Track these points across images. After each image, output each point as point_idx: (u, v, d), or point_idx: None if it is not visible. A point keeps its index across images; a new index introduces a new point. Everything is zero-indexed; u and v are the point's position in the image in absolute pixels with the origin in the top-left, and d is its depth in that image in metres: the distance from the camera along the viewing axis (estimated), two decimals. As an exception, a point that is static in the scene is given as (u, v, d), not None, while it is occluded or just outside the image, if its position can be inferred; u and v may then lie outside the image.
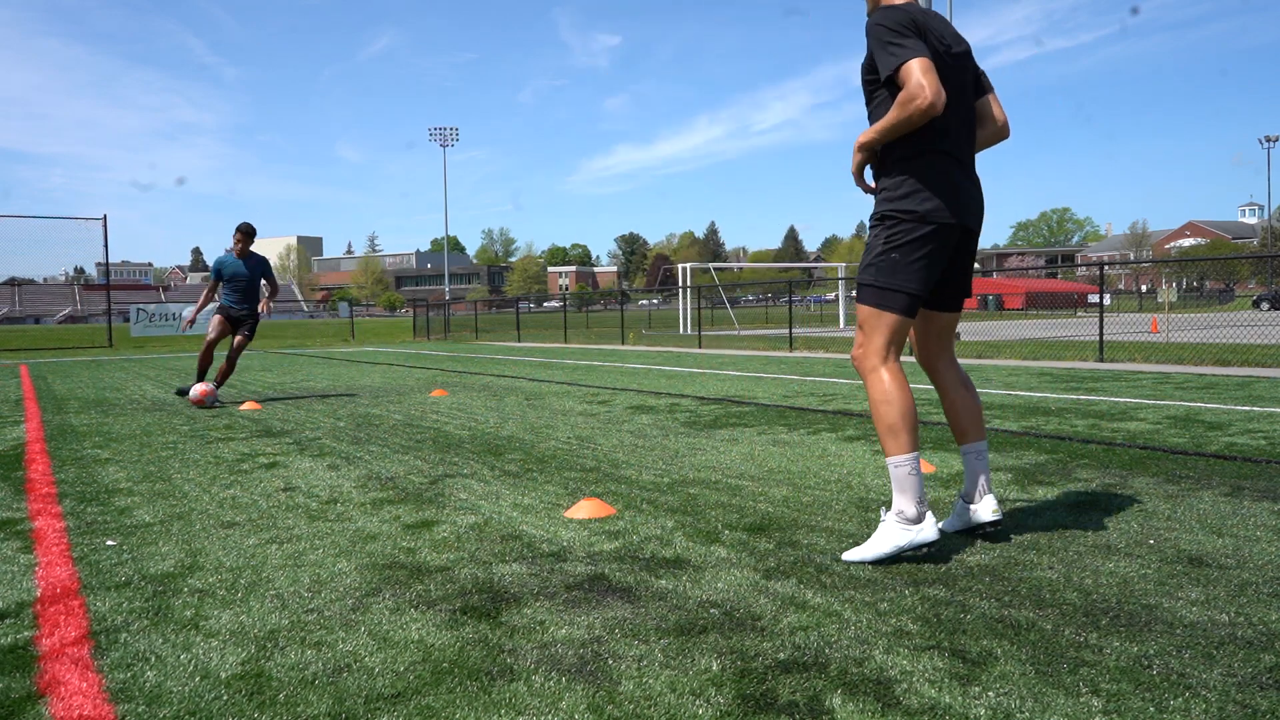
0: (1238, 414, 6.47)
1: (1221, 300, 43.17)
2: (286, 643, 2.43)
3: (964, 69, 3.13)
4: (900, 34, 2.91)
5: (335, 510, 4.03)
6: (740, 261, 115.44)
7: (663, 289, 32.11)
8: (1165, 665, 2.16)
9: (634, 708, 2.00)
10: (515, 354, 18.60)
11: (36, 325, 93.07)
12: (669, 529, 3.54)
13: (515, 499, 4.17)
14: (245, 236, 9.18)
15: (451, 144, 79.31)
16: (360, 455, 5.53)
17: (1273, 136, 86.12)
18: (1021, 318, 35.35)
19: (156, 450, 5.93)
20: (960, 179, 3.08)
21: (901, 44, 2.90)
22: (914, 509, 2.96)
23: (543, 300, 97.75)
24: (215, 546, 3.44)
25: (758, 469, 4.77)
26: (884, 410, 3.02)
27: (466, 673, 2.21)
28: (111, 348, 25.46)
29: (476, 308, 35.73)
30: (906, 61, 2.86)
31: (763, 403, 7.96)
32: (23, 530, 3.77)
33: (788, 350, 17.22)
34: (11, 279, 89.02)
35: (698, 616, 2.56)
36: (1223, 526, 3.37)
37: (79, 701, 2.09)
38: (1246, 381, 8.89)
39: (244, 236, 9.18)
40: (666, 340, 23.69)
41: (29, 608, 2.77)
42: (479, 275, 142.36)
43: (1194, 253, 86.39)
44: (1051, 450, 5.12)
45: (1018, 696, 2.01)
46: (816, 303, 73.17)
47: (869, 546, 3.02)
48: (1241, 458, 4.72)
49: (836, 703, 2.00)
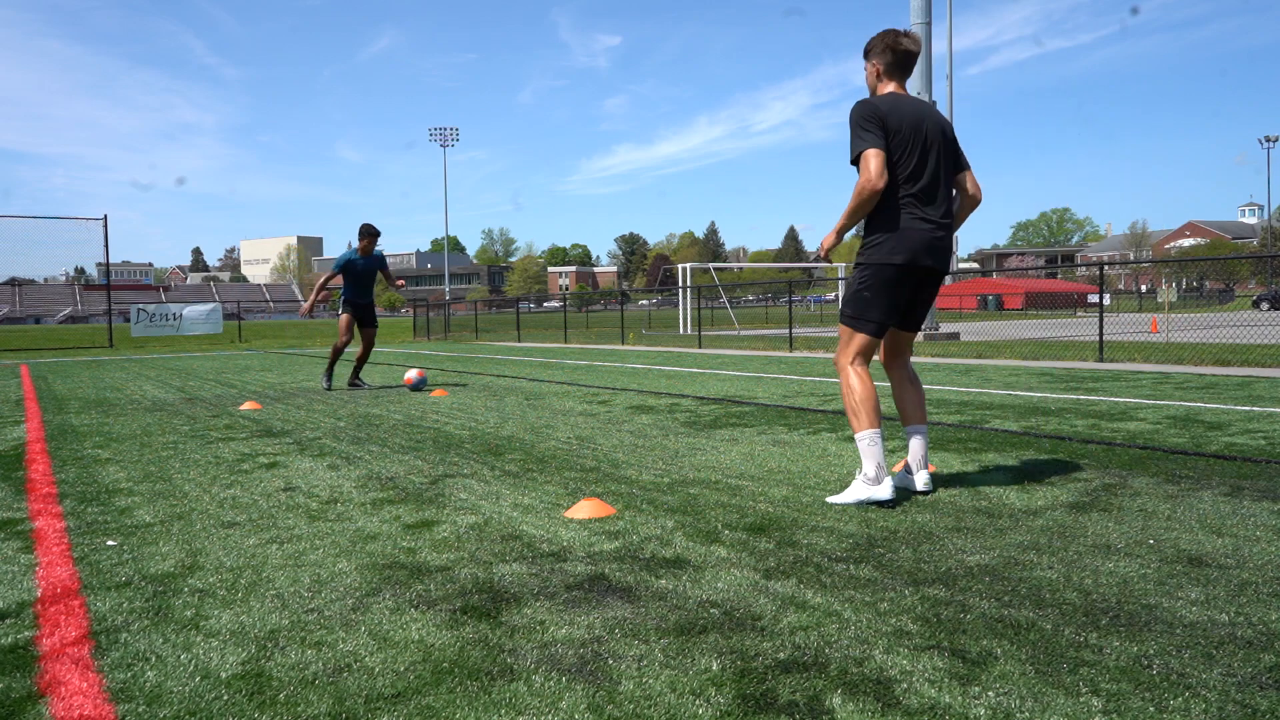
0: (1238, 414, 6.47)
1: (1221, 300, 43.18)
2: (287, 643, 2.43)
3: (935, 142, 3.85)
4: (864, 126, 3.76)
5: (335, 510, 4.03)
6: (740, 261, 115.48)
7: (663, 289, 32.08)
8: (1165, 665, 2.16)
9: (634, 708, 2.00)
10: (515, 354, 18.60)
11: (37, 325, 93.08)
12: (669, 529, 3.54)
13: (515, 499, 4.17)
14: (372, 239, 9.96)
15: (451, 144, 79.26)
16: (360, 455, 5.53)
17: (1273, 136, 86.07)
18: (1021, 318, 35.35)
19: (157, 450, 5.93)
20: (922, 228, 3.82)
21: (862, 136, 3.75)
22: (874, 472, 3.79)
23: (543, 300, 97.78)
24: (215, 546, 3.45)
25: (758, 469, 4.77)
26: (848, 398, 3.92)
27: (466, 673, 2.21)
28: (112, 348, 25.47)
29: (476, 308, 35.72)
30: (865, 150, 3.72)
31: (763, 403, 7.96)
32: (23, 530, 3.78)
33: (788, 350, 17.22)
34: (12, 279, 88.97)
35: (698, 616, 2.56)
36: (1223, 526, 3.37)
37: (79, 701, 2.09)
38: (1246, 381, 8.89)
39: (372, 240, 9.96)
40: (666, 340, 23.69)
41: (29, 608, 2.77)
42: (479, 275, 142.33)
43: (1194, 253, 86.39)
44: (1051, 450, 5.12)
45: (1018, 696, 2.01)
46: (816, 303, 73.21)
47: (842, 495, 3.91)
48: (1241, 458, 4.72)
49: (836, 703, 2.00)
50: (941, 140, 3.88)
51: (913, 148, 3.79)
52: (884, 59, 3.93)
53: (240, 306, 44.89)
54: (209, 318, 29.83)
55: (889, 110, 3.78)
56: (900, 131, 3.77)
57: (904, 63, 3.94)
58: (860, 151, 3.73)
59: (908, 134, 3.78)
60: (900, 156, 3.78)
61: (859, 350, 3.94)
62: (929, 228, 3.83)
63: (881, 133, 3.74)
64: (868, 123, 3.75)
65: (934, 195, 3.85)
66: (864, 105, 3.81)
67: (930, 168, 3.83)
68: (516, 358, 16.98)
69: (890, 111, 3.78)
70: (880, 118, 3.76)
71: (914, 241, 3.81)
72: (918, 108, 3.87)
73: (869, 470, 3.78)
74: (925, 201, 3.83)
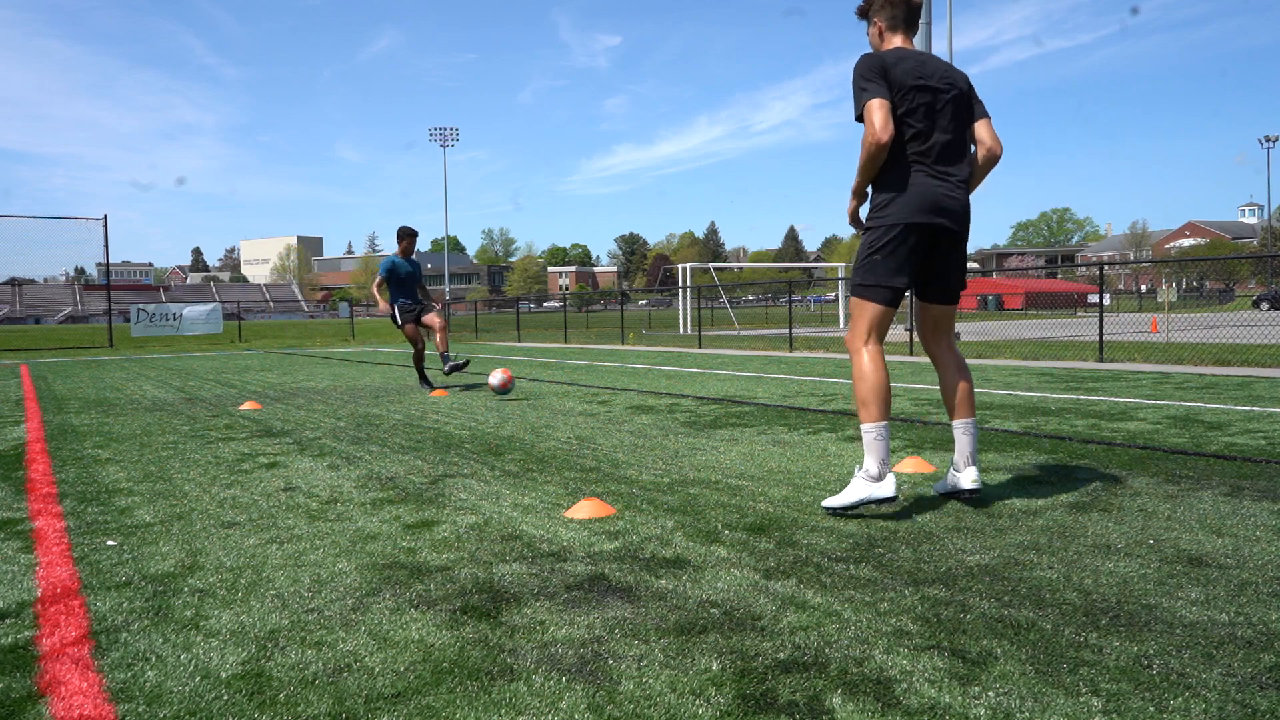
0: (1238, 414, 6.47)
1: (1221, 300, 43.16)
2: (287, 643, 2.44)
3: (946, 96, 3.64)
4: (866, 78, 3.57)
5: (335, 510, 4.03)
6: (740, 261, 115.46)
7: (663, 289, 32.07)
8: (1165, 665, 2.16)
9: (634, 708, 2.00)
10: (515, 354, 18.60)
11: (37, 325, 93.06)
12: (669, 529, 3.54)
13: (515, 499, 4.17)
14: (411, 239, 9.97)
15: (451, 144, 79.28)
16: (360, 455, 5.53)
17: (1273, 136, 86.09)
18: (1021, 318, 35.35)
19: (157, 450, 5.93)
20: (933, 185, 3.60)
21: (865, 88, 3.55)
22: (877, 469, 3.58)
23: (543, 300, 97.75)
24: (215, 546, 3.45)
25: (758, 469, 4.77)
26: (859, 385, 3.66)
27: (466, 673, 2.21)
28: (112, 348, 25.46)
29: (477, 308, 35.73)
30: (868, 102, 3.52)
31: (763, 403, 7.96)
32: (23, 530, 3.78)
33: (788, 350, 17.22)
34: (12, 279, 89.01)
35: (698, 616, 2.56)
36: (1223, 526, 3.37)
37: (79, 701, 2.09)
38: (1246, 381, 8.89)
39: (411, 240, 9.97)
40: (666, 340, 23.69)
41: (29, 607, 2.77)
42: (479, 275, 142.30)
43: (1194, 253, 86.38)
44: (1051, 450, 5.12)
45: (1018, 696, 2.01)
46: (816, 303, 73.20)
47: (839, 497, 3.67)
48: (1241, 458, 4.72)
49: (836, 703, 2.00)
50: (954, 93, 3.66)
51: (920, 101, 3.57)
52: (885, 13, 3.74)
53: (240, 306, 44.92)
54: (209, 318, 29.84)
55: (894, 62, 3.59)
56: (905, 84, 3.56)
57: (909, 16, 3.74)
58: (864, 104, 3.53)
59: (914, 86, 3.57)
60: (907, 110, 3.57)
61: (871, 324, 3.68)
62: (940, 184, 3.60)
63: (884, 84, 3.54)
64: (871, 73, 3.56)
65: (946, 151, 3.63)
66: (868, 58, 3.63)
67: (942, 123, 3.62)
68: (516, 358, 16.98)
69: (895, 63, 3.58)
70: (884, 69, 3.57)
71: (924, 199, 3.57)
72: (925, 59, 3.66)
73: (870, 467, 3.58)
74: (937, 158, 3.61)
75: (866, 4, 3.82)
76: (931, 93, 3.61)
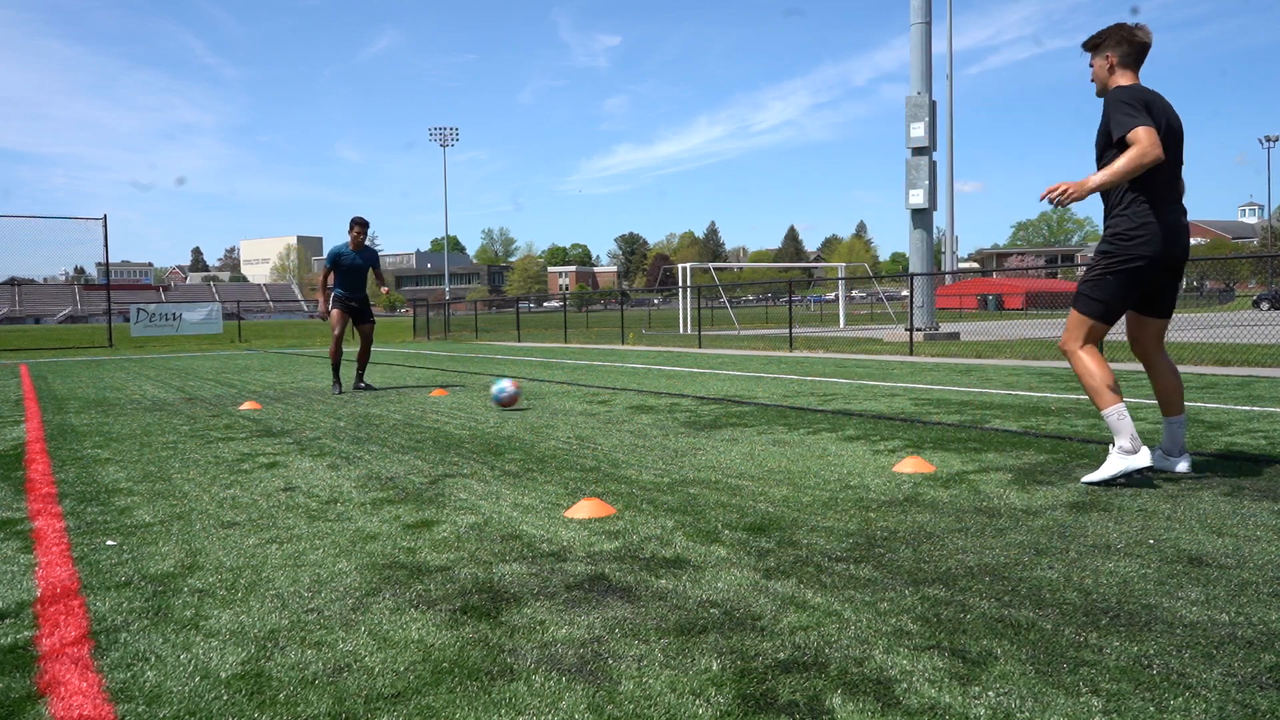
0: (1238, 414, 6.47)
1: (1221, 300, 43.14)
2: (286, 642, 2.43)
3: (1179, 137, 4.08)
4: (1133, 106, 3.90)
5: (335, 510, 4.03)
6: (740, 261, 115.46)
7: (663, 289, 32.06)
8: (1165, 665, 2.16)
9: (634, 708, 2.00)
10: (515, 354, 18.59)
11: (37, 325, 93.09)
12: (669, 529, 3.54)
13: (515, 499, 4.17)
14: (363, 229, 9.66)
15: (451, 144, 79.35)
16: (360, 455, 5.53)
17: (1273, 136, 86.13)
18: (1021, 317, 35.35)
19: (156, 450, 5.93)
20: (1173, 221, 4.01)
21: (1133, 114, 3.88)
22: (1129, 444, 3.97)
23: (543, 300, 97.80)
24: (215, 546, 3.45)
25: (758, 469, 4.77)
26: (1088, 380, 4.13)
27: (466, 673, 2.21)
28: (112, 348, 25.46)
29: (476, 307, 35.71)
30: (1137, 128, 3.83)
31: (763, 403, 7.96)
32: (23, 530, 3.78)
33: (788, 350, 17.21)
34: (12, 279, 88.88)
35: (698, 616, 2.56)
36: (1223, 526, 3.37)
37: (79, 701, 2.09)
38: (1246, 381, 8.89)
39: (362, 229, 9.65)
40: (666, 340, 23.69)
41: (29, 608, 2.77)
42: (479, 275, 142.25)
43: (1194, 253, 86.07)
44: (1051, 450, 5.12)
45: (1018, 696, 2.01)
46: (816, 302, 73.20)
47: (1099, 472, 4.06)
48: (1241, 458, 4.72)
49: (836, 703, 2.00)
50: (1181, 134, 4.10)
51: (1167, 140, 3.94)
52: (1119, 50, 4.07)
53: (240, 306, 44.93)
54: (209, 318, 29.84)
55: (1151, 100, 3.96)
56: (1160, 124, 3.91)
57: (1141, 54, 4.08)
58: (1133, 127, 3.83)
59: (1164, 125, 3.94)
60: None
61: (1086, 335, 4.17)
62: (1178, 219, 4.05)
63: (1149, 116, 3.89)
64: (1137, 103, 3.91)
65: (1178, 186, 4.09)
66: (1127, 89, 3.99)
67: (1177, 162, 4.08)
68: (516, 358, 16.98)
69: (1152, 101, 3.97)
70: (1146, 104, 3.92)
71: (1170, 234, 3.99)
72: (1166, 102, 4.06)
73: (1123, 443, 3.97)
74: (1174, 193, 4.06)
75: (1099, 38, 4.14)
76: (1175, 136, 4.05)
